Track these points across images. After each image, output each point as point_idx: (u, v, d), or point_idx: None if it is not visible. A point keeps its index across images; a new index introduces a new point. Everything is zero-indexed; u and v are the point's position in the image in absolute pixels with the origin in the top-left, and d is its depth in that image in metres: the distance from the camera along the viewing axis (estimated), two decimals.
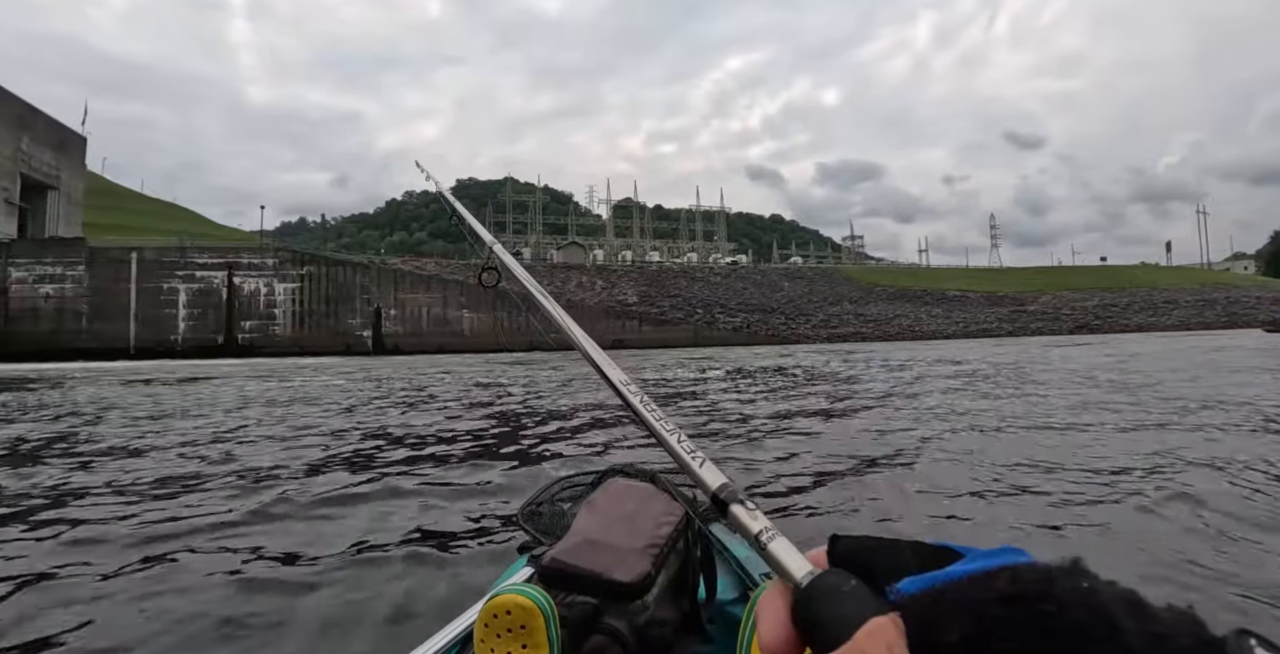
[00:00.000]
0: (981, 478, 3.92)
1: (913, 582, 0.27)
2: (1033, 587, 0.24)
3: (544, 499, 1.60)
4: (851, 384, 10.80)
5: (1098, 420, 6.02)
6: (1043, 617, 0.23)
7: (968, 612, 0.24)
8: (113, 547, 2.90)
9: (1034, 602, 0.24)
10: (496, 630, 0.96)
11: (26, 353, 31.93)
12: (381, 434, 6.08)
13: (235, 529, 3.13)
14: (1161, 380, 9.86)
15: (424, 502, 3.61)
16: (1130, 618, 0.23)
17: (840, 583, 0.31)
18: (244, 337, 37.21)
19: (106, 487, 4.04)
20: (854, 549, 0.33)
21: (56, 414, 8.19)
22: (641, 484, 1.38)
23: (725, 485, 0.45)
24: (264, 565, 2.67)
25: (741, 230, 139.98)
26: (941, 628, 0.24)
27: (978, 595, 0.25)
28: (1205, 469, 3.99)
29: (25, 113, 40.09)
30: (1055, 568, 0.25)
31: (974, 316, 54.53)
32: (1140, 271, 73.59)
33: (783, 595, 0.32)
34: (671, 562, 1.20)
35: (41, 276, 35.31)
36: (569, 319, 0.87)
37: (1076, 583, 0.24)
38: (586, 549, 1.12)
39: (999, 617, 0.24)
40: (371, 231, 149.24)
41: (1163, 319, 54.92)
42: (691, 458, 0.51)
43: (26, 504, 3.67)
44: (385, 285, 40.26)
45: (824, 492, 3.75)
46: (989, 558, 0.28)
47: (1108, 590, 0.24)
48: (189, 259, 37.63)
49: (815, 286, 57.84)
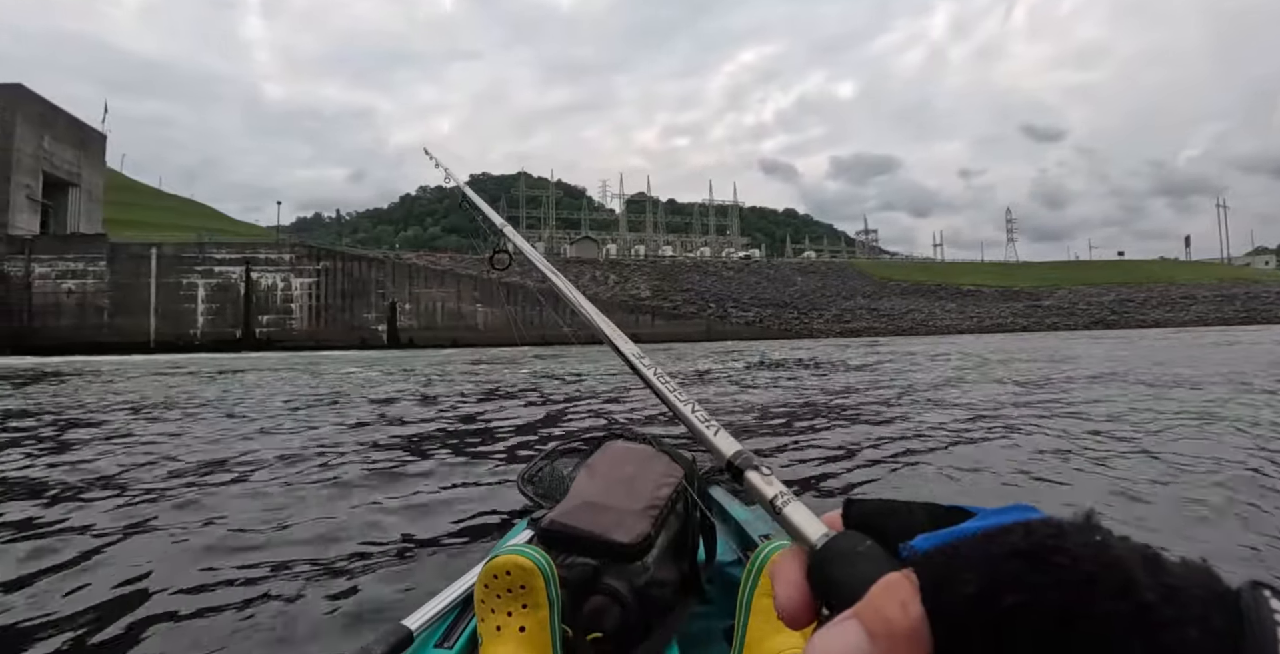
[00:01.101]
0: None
1: (927, 539, 0.28)
2: (1046, 541, 0.24)
3: (543, 464, 1.63)
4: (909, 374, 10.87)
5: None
6: (1056, 569, 0.23)
7: (981, 566, 0.24)
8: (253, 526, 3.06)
9: (1047, 555, 0.24)
10: (496, 590, 0.97)
11: (49, 347, 32.62)
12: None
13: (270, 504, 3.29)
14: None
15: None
16: (1144, 571, 0.23)
17: (855, 543, 0.31)
18: (261, 331, 37.76)
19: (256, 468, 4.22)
20: (868, 511, 0.33)
21: (136, 405, 8.43)
22: (641, 446, 1.37)
23: (740, 453, 0.45)
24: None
25: (755, 224, 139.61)
26: (955, 582, 0.24)
27: (991, 550, 0.25)
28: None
29: (47, 112, 40.72)
30: (1068, 522, 0.25)
31: (988, 311, 54.26)
32: (1158, 267, 72.86)
33: (798, 558, 0.33)
34: (671, 523, 1.21)
35: (64, 272, 36.02)
36: (580, 295, 0.88)
37: (1089, 537, 0.24)
38: (586, 511, 1.14)
39: (1012, 570, 0.24)
40: (386, 226, 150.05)
41: (1180, 315, 54.35)
42: (706, 426, 0.51)
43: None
44: (400, 280, 40.70)
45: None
46: (1002, 515, 0.28)
47: (1121, 545, 0.24)
48: (208, 255, 38.23)
49: (828, 281, 57.75)
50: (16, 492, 3.70)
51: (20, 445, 5.21)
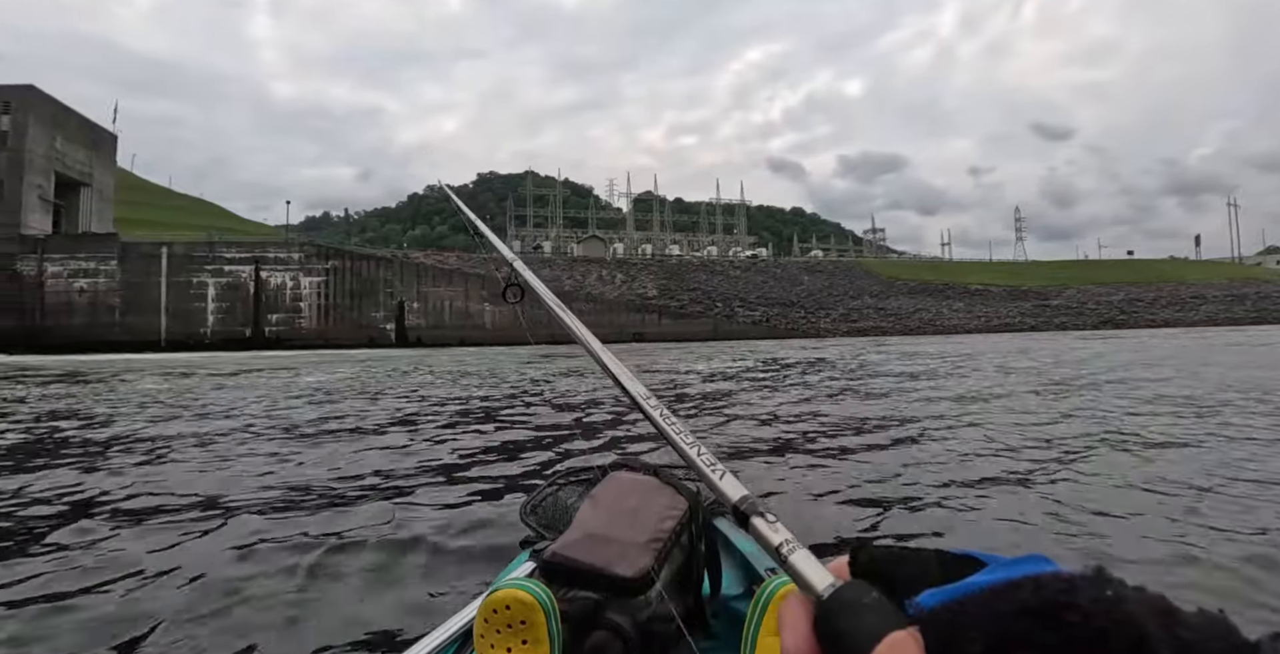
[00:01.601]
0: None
1: (933, 595, 0.27)
2: (1056, 597, 0.24)
3: (546, 493, 1.61)
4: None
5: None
6: (1067, 628, 0.23)
7: (989, 624, 0.24)
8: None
9: (1057, 613, 0.23)
10: (496, 626, 0.95)
11: (61, 345, 32.92)
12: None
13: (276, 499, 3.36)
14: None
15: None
16: (1158, 626, 0.22)
17: (861, 595, 0.31)
18: (270, 329, 38.02)
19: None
20: (875, 559, 0.32)
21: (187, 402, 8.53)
22: (645, 478, 1.35)
23: (745, 497, 0.45)
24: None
25: (762, 223, 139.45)
26: (962, 642, 0.24)
27: (999, 607, 0.24)
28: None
29: (59, 113, 41.07)
30: (1079, 577, 0.25)
31: (996, 311, 54.08)
32: (1168, 266, 72.43)
33: (805, 607, 0.32)
34: (675, 556, 1.19)
35: (75, 271, 36.38)
36: (588, 333, 0.89)
37: (1101, 591, 0.24)
38: (588, 543, 1.12)
39: (1021, 629, 0.23)
40: (394, 225, 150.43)
41: (1190, 314, 54.05)
42: (711, 470, 0.51)
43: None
44: (408, 279, 40.88)
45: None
46: (1013, 567, 0.27)
47: (1134, 598, 0.23)
48: (217, 254, 38.51)
49: (835, 280, 57.67)
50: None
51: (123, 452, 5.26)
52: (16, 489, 3.90)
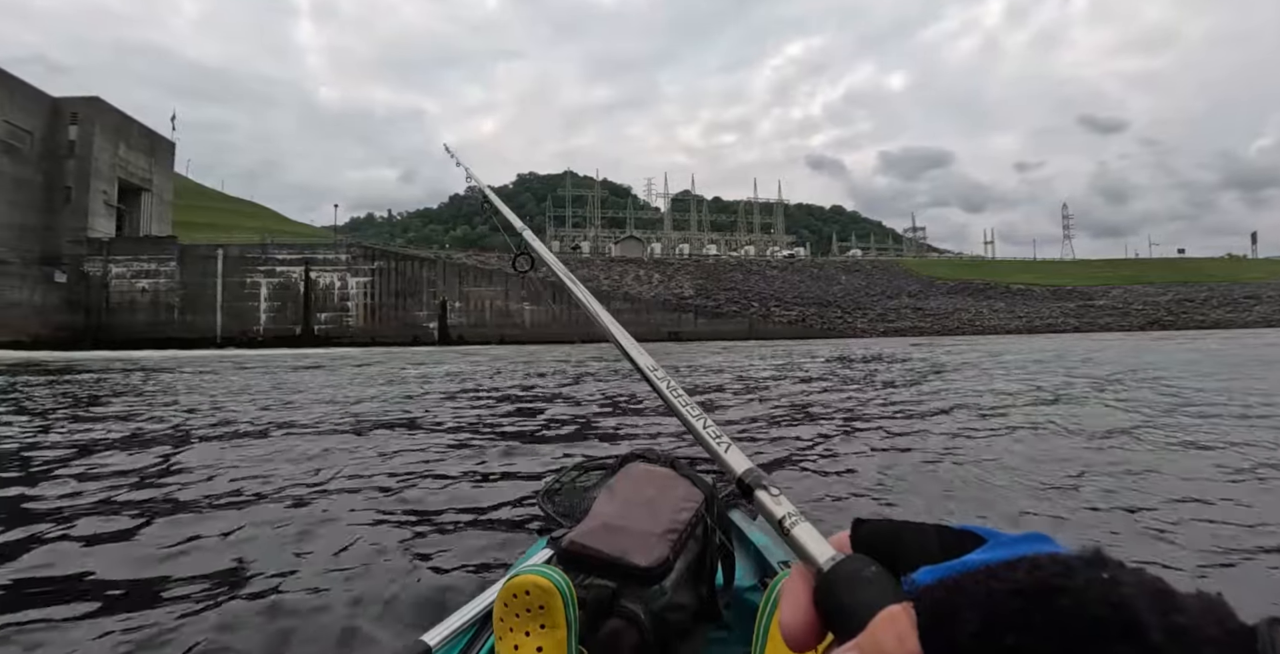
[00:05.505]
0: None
1: (929, 572, 0.27)
2: (1051, 580, 0.23)
3: (564, 482, 1.65)
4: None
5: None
6: (1059, 611, 0.22)
7: (982, 604, 0.24)
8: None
9: (1051, 595, 0.23)
10: (515, 610, 0.97)
11: (125, 341, 34.88)
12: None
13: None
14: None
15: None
16: (1152, 611, 0.22)
17: (861, 568, 0.31)
18: (319, 328, 39.60)
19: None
20: (876, 533, 0.33)
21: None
22: (662, 469, 1.36)
23: (750, 470, 0.45)
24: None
25: (801, 221, 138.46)
26: (955, 620, 0.24)
27: (993, 587, 0.24)
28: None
29: (122, 122, 43.26)
30: (1075, 558, 0.25)
31: (1037, 311, 53.15)
32: (1217, 264, 70.15)
33: (805, 580, 0.33)
34: (690, 547, 1.20)
35: (138, 272, 38.54)
36: (597, 304, 0.91)
37: (1096, 574, 0.24)
38: (605, 532, 1.13)
39: (1014, 610, 0.23)
40: (436, 226, 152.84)
41: (1243, 315, 52.20)
42: (717, 442, 0.51)
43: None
44: (450, 279, 42.12)
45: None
46: (1011, 546, 0.27)
47: (1130, 581, 0.23)
48: (270, 255, 40.28)
49: (873, 280, 57.35)
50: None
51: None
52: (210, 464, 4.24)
